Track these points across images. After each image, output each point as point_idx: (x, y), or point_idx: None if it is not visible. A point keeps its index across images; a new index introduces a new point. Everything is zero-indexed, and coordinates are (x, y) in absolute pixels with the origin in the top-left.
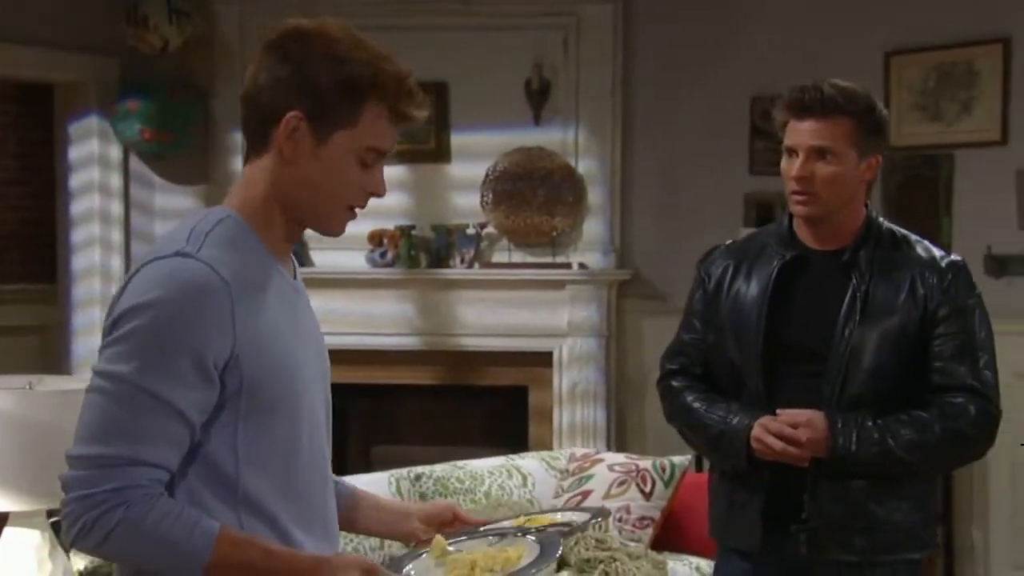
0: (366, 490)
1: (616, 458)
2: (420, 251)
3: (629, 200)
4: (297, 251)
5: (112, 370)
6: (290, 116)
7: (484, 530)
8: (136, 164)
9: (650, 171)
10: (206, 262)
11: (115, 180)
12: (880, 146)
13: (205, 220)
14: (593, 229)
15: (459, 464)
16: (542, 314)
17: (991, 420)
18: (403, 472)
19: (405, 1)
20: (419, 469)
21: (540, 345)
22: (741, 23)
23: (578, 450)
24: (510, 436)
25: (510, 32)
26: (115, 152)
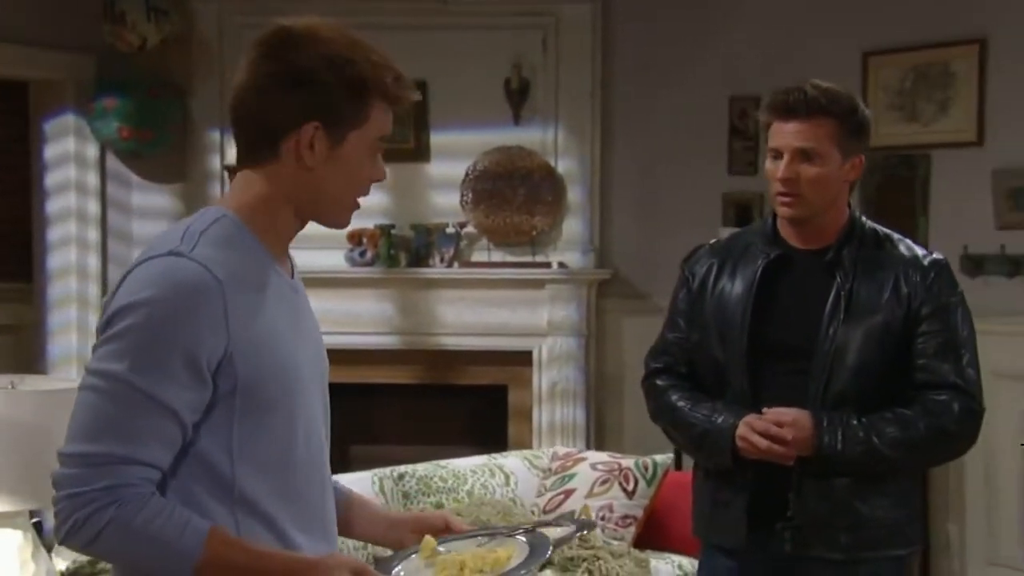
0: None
1: (599, 457)
2: (400, 250)
3: (608, 199)
4: None
5: (105, 368)
6: (308, 127)
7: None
8: (113, 162)
9: (629, 171)
10: (200, 261)
11: (92, 178)
12: (863, 146)
13: (200, 219)
14: (573, 228)
15: (441, 463)
16: (522, 313)
17: (974, 417)
18: (386, 471)
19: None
20: (402, 468)
21: (520, 344)
22: (719, 23)
23: (560, 449)
24: (489, 435)
25: (489, 31)
26: (92, 150)
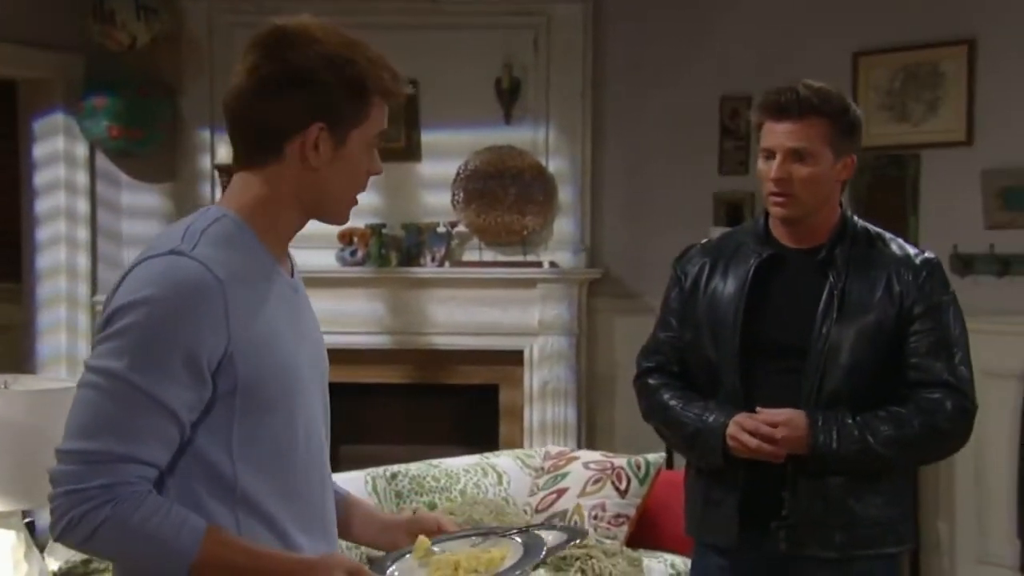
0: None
1: (591, 456)
2: (390, 250)
3: (599, 199)
4: None
5: (104, 366)
6: (313, 128)
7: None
8: (103, 161)
9: (620, 170)
10: (200, 260)
11: (81, 177)
12: (855, 146)
13: (201, 218)
14: (564, 228)
15: (434, 463)
16: (513, 313)
17: (967, 415)
18: (379, 471)
19: None
20: (395, 468)
21: (511, 344)
22: (710, 23)
23: (553, 448)
24: (480, 435)
25: (480, 31)
26: (81, 149)
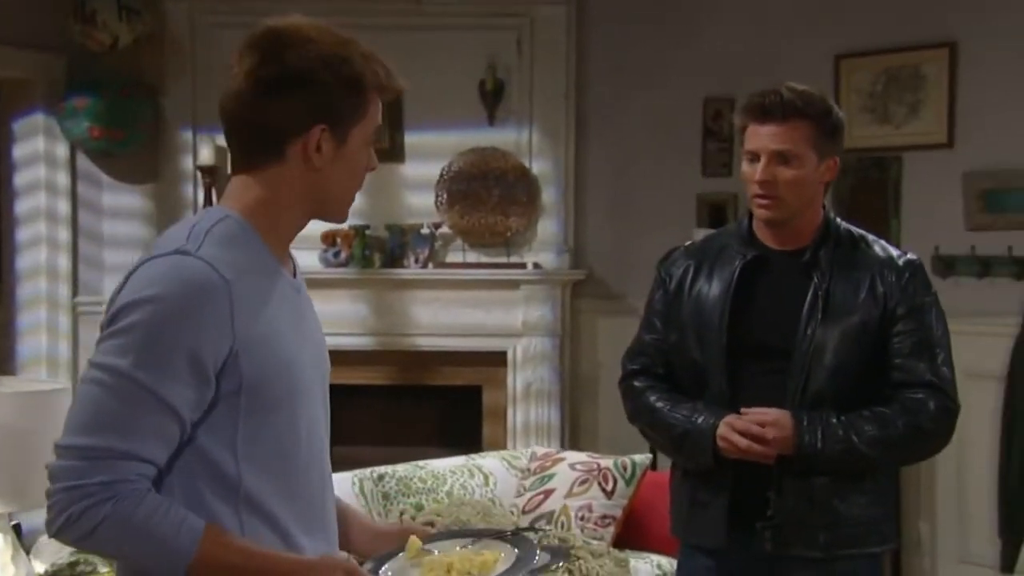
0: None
1: (577, 457)
2: (374, 251)
3: (583, 200)
4: None
5: (108, 363)
6: (315, 130)
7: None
8: (84, 162)
9: (604, 172)
10: (206, 260)
11: (62, 178)
12: (838, 147)
13: (205, 219)
14: (547, 229)
15: (420, 464)
16: (496, 314)
17: (950, 415)
18: (366, 472)
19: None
20: (381, 469)
21: (494, 345)
22: (693, 25)
23: (539, 449)
24: (463, 436)
25: (463, 32)
26: (62, 150)
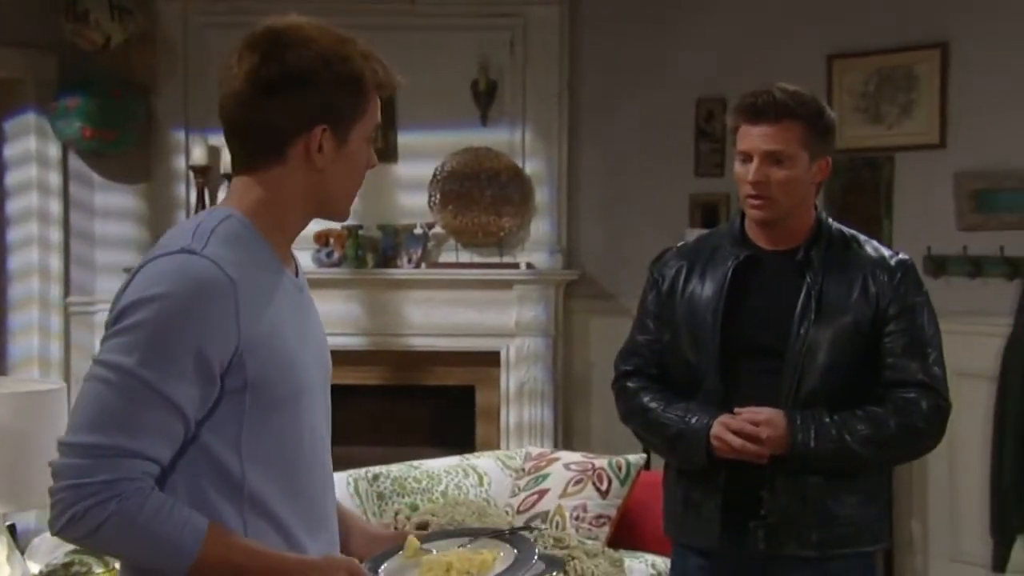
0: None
1: (572, 457)
2: (367, 251)
3: (576, 200)
4: None
5: (114, 361)
6: (317, 130)
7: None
8: (75, 162)
9: (596, 172)
10: (212, 259)
11: (54, 178)
12: (830, 148)
13: (209, 218)
14: (540, 229)
15: (415, 464)
16: (489, 314)
17: (942, 414)
18: (360, 472)
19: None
20: (376, 469)
21: (488, 345)
22: (686, 26)
23: (534, 449)
24: (457, 436)
25: (456, 32)
26: (53, 149)
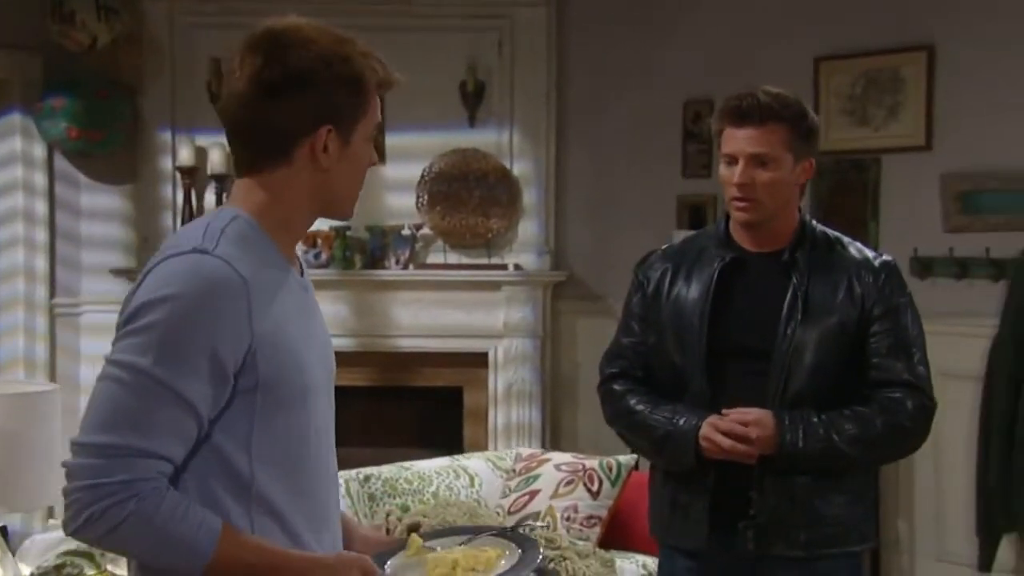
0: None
1: (563, 458)
2: (355, 252)
3: (563, 202)
4: None
5: (129, 360)
6: (322, 131)
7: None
8: (61, 162)
9: (584, 173)
10: (224, 259)
11: (39, 179)
12: (813, 149)
13: (218, 218)
14: (528, 230)
15: (405, 465)
16: (477, 315)
17: (927, 413)
18: (351, 473)
19: (339, 1)
20: (367, 470)
21: (476, 346)
22: (673, 27)
23: (524, 450)
24: (445, 437)
25: (444, 33)
26: (39, 150)
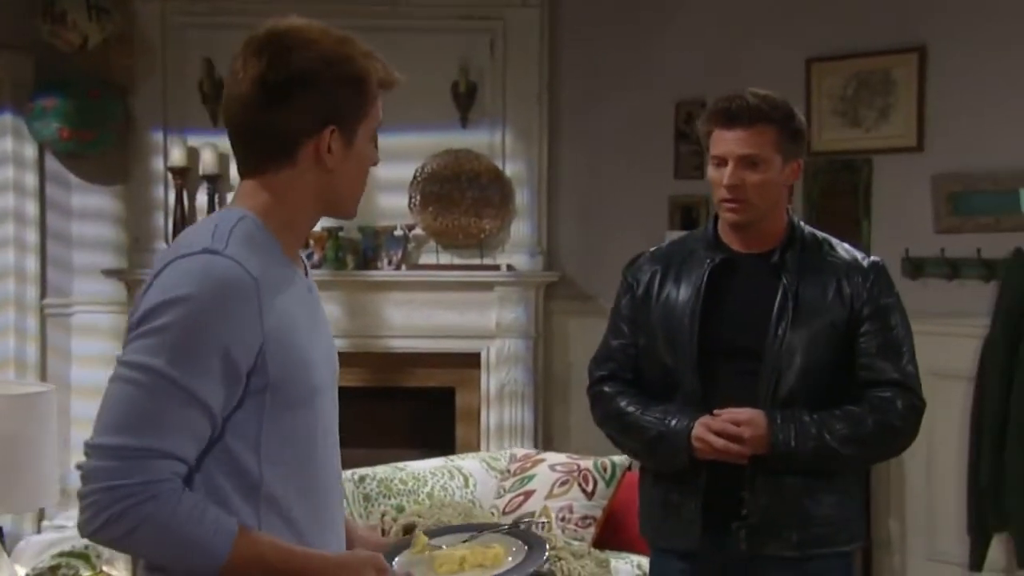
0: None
1: (558, 458)
2: (347, 253)
3: (556, 202)
4: None
5: (142, 361)
6: (326, 132)
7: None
8: (52, 163)
9: (576, 174)
10: (235, 259)
11: (30, 179)
12: (801, 150)
13: (225, 219)
14: (520, 231)
15: (400, 466)
16: (470, 315)
17: (917, 412)
18: (346, 474)
19: (331, 1)
20: (362, 471)
21: (468, 346)
22: (665, 28)
23: (519, 450)
24: (437, 438)
25: (437, 34)
26: (30, 150)
